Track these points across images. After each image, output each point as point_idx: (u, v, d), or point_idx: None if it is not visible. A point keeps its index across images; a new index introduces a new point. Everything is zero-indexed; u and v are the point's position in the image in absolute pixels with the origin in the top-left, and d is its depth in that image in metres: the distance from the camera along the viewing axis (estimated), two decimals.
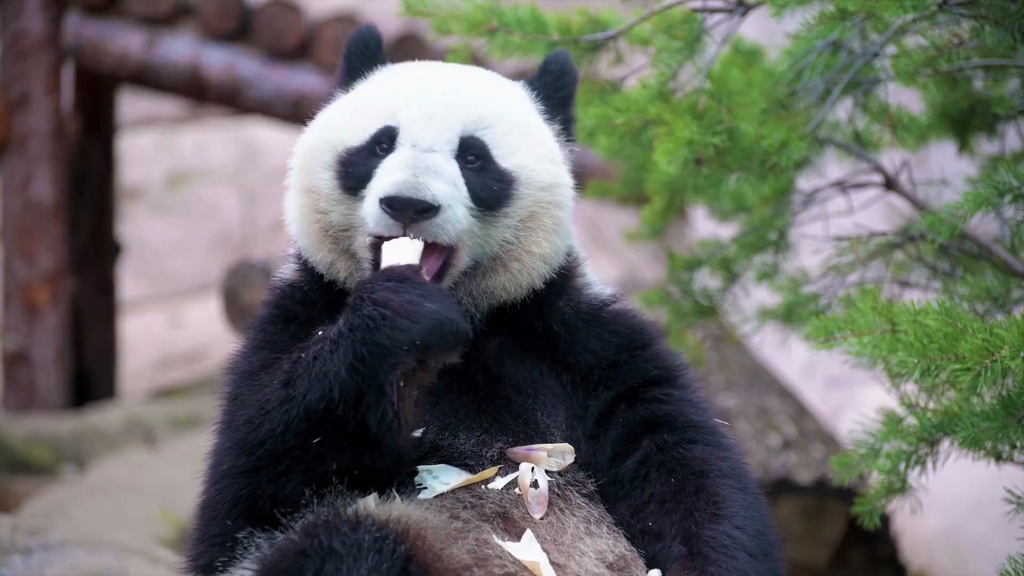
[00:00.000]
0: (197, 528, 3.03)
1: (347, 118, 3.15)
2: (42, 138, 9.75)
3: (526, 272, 3.10)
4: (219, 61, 9.71)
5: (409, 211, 2.94)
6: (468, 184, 3.03)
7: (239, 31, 9.68)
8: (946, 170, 4.70)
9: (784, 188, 4.54)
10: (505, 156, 3.08)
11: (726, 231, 4.99)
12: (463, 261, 3.05)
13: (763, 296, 4.73)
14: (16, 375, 9.76)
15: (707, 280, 4.73)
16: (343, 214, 3.07)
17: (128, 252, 11.23)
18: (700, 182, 4.08)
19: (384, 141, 3.07)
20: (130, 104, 13.58)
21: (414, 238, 2.96)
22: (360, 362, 2.83)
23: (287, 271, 3.24)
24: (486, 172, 3.06)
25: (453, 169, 3.02)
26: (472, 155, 3.06)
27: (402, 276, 2.90)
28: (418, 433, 2.99)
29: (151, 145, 15.21)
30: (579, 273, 3.27)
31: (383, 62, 3.29)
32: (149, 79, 9.92)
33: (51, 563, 4.56)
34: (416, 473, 3.01)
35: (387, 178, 2.97)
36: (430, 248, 2.99)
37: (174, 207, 15.22)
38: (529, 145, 3.11)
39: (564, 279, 3.21)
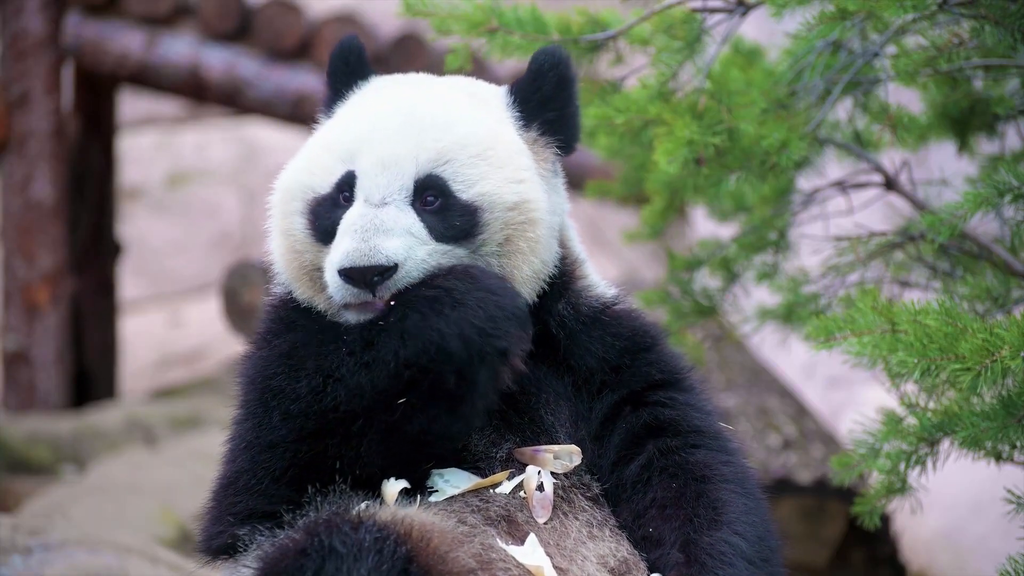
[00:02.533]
0: (215, 507, 3.03)
1: (315, 161, 3.13)
2: (42, 138, 9.75)
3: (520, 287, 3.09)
4: (219, 61, 9.71)
5: (368, 277, 2.95)
6: (430, 225, 3.02)
7: (239, 31, 9.68)
8: (946, 170, 4.70)
9: (784, 188, 4.54)
10: (466, 188, 3.05)
11: (726, 231, 4.99)
12: None
13: (763, 296, 4.73)
14: (16, 375, 9.76)
15: (707, 280, 4.73)
16: (316, 255, 3.08)
17: (128, 252, 11.23)
18: (700, 182, 4.08)
19: (346, 189, 3.07)
20: (130, 104, 13.58)
21: (381, 297, 2.97)
22: (491, 322, 2.90)
23: (277, 289, 3.23)
24: (447, 210, 3.04)
25: (408, 219, 3.00)
26: (431, 195, 3.04)
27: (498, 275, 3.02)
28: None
29: (151, 145, 15.21)
30: (579, 275, 3.25)
31: (367, 75, 3.27)
32: (149, 79, 9.92)
33: (51, 563, 4.56)
34: (428, 476, 3.02)
35: (340, 246, 2.97)
36: None
37: (174, 207, 15.22)
38: (491, 171, 3.06)
39: (563, 282, 3.20)
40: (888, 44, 4.00)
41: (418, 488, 2.98)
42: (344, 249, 2.95)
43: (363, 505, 2.91)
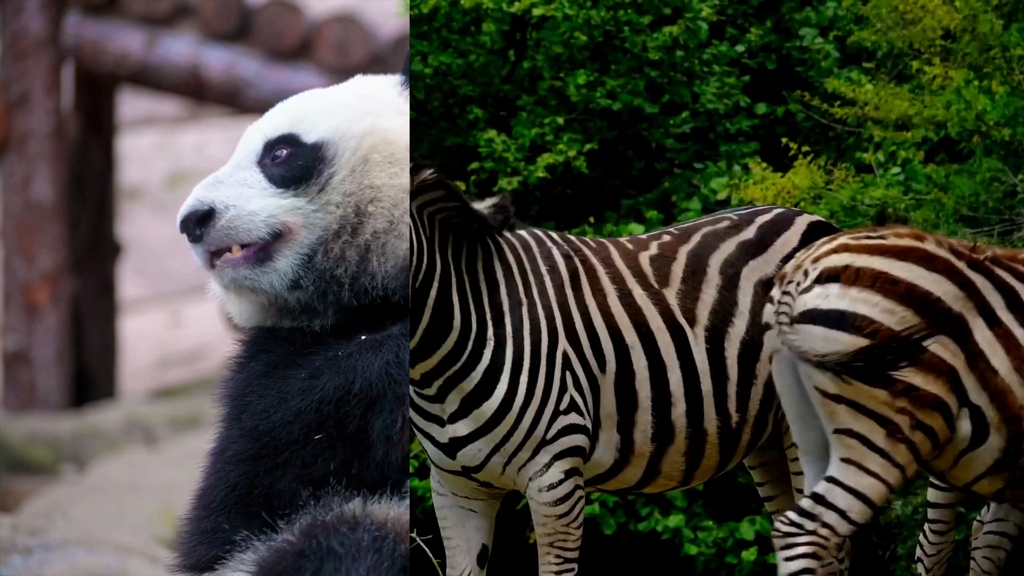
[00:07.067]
0: (190, 520, 3.02)
1: None
2: (42, 138, 9.76)
3: (389, 206, 3.04)
4: (219, 61, 9.72)
5: (191, 228, 3.02)
6: (271, 175, 3.03)
7: (239, 31, 9.68)
8: None
9: None
10: (315, 131, 3.07)
11: None
12: (305, 238, 3.02)
13: None
14: (16, 375, 9.76)
15: None
16: None
17: (128, 252, 11.23)
18: None
19: None
20: (130, 104, 13.58)
21: (213, 249, 3.01)
22: (398, 366, 2.84)
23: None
24: (294, 156, 3.05)
25: (245, 173, 3.05)
26: (280, 149, 3.06)
27: None
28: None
29: (151, 145, 15.22)
30: None
31: None
32: (149, 79, 9.92)
33: (51, 563, 4.57)
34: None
35: None
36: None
37: (174, 207, 15.12)
38: (341, 110, 3.09)
39: None
40: None
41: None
42: None
43: (360, 504, 2.90)
